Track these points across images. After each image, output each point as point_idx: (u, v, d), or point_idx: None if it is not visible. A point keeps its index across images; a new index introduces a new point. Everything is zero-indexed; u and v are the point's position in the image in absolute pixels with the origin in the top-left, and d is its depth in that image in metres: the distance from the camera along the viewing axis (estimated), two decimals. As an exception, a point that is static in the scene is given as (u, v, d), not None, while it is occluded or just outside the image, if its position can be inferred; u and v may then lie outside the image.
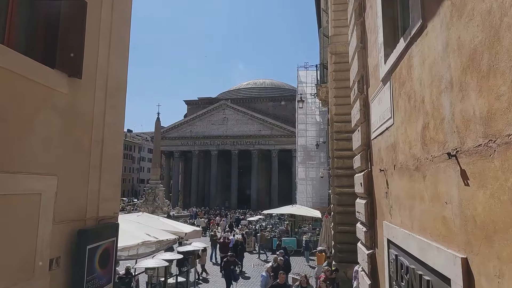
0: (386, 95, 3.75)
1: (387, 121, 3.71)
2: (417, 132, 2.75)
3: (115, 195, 5.40)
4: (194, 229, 9.93)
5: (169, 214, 32.16)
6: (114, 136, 5.26)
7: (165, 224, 9.37)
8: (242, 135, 58.98)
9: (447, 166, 2.18)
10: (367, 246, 4.84)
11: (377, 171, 4.35)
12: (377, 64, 4.18)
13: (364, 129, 4.89)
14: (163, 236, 8.42)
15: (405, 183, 3.13)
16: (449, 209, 2.17)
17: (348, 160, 11.47)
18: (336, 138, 11.60)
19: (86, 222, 4.55)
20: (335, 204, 11.49)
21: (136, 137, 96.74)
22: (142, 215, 9.80)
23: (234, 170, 58.39)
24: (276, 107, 64.86)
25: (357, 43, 5.08)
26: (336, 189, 11.47)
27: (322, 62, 14.26)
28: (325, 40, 14.67)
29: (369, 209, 4.69)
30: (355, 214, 11.28)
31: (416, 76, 2.75)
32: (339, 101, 11.73)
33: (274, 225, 27.34)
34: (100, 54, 4.82)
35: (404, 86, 3.09)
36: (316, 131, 34.72)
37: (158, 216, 10.38)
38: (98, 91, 4.81)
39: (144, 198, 33.82)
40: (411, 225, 2.97)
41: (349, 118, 12.10)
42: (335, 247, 11.41)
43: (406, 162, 3.07)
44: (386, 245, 3.86)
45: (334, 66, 11.97)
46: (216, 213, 42.04)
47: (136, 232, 7.84)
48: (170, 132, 62.98)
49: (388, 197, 3.82)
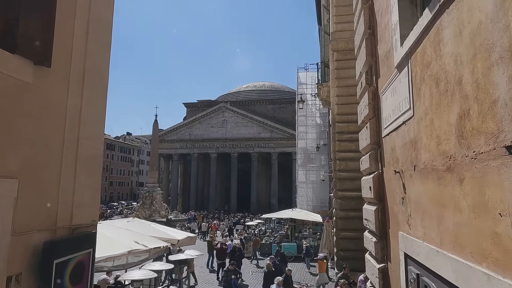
0: (403, 83, 3.18)
1: (404, 114, 3.14)
2: (449, 123, 2.18)
3: (93, 201, 4.81)
4: (187, 235, 9.33)
5: (167, 218, 31.54)
6: (92, 135, 4.67)
7: (156, 230, 8.77)
8: (242, 137, 58.42)
9: (502, 164, 1.60)
10: (377, 259, 4.25)
11: (390, 173, 3.77)
12: (390, 49, 3.61)
13: (374, 125, 4.32)
14: (154, 243, 7.83)
15: (430, 187, 2.55)
16: (505, 224, 1.59)
17: (352, 162, 10.91)
18: (339, 139, 11.04)
19: (56, 232, 3.96)
20: (337, 209, 10.91)
21: (135, 140, 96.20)
22: (133, 221, 9.21)
23: (233, 173, 57.75)
24: (276, 109, 64.35)
25: (365, 29, 4.52)
26: (339, 192, 10.89)
27: (323, 61, 13.73)
28: (326, 38, 14.14)
29: (380, 216, 4.11)
30: (359, 220, 10.68)
31: (448, 52, 2.19)
32: (342, 100, 11.18)
33: (274, 229, 26.69)
34: (76, 40, 4.24)
35: (429, 68, 2.52)
36: (316, 133, 34.22)
37: (151, 222, 9.77)
38: (73, 83, 4.22)
39: (141, 201, 33.17)
40: (439, 239, 2.39)
41: (352, 118, 11.56)
42: (337, 254, 10.81)
43: (432, 161, 2.50)
44: (403, 260, 3.28)
45: (336, 64, 11.43)
46: (214, 216, 41.41)
47: (124, 239, 7.26)
48: (169, 135, 62.41)
49: (405, 204, 3.24)
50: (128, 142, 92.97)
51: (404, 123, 3.16)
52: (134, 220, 9.29)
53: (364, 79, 4.61)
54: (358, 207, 11.15)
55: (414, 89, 2.87)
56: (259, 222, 25.76)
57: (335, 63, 11.36)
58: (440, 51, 2.31)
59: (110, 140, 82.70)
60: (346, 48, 11.36)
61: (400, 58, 3.21)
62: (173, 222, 31.06)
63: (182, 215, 37.51)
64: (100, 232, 7.51)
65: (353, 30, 10.66)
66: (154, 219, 31.72)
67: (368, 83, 4.49)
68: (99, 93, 4.84)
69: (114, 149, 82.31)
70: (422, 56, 2.65)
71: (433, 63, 2.44)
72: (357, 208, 11.00)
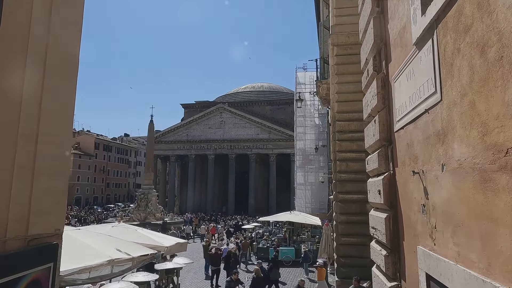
0: (425, 62, 2.55)
1: (427, 100, 2.50)
2: (506, 103, 1.55)
3: (57, 207, 4.13)
4: (177, 241, 8.66)
5: (163, 221, 30.81)
6: (56, 130, 4.00)
7: (143, 236, 8.11)
8: (240, 139, 57.77)
9: None
10: (387, 275, 3.61)
11: (405, 174, 3.13)
12: (406, 24, 2.99)
13: (383, 118, 3.69)
14: (139, 251, 7.17)
15: (470, 194, 1.91)
16: None
17: (353, 163, 10.27)
18: (339, 139, 10.41)
19: (5, 245, 3.30)
20: (337, 213, 10.26)
21: (132, 141, 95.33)
22: (118, 226, 8.54)
23: (231, 175, 57.06)
24: (274, 110, 63.76)
25: (372, 8, 3.89)
26: (339, 195, 10.25)
27: (322, 56, 13.10)
28: (325, 33, 13.53)
29: (392, 226, 3.47)
30: (360, 224, 10.03)
31: (504, 4, 1.55)
32: (342, 98, 10.55)
33: (272, 232, 26.00)
34: (34, 13, 3.57)
35: (468, 33, 1.88)
36: (315, 134, 33.65)
37: (138, 227, 9.09)
38: (31, 65, 3.54)
39: (136, 203, 32.44)
40: (485, 265, 1.75)
41: (353, 116, 10.93)
42: (338, 261, 10.16)
43: (473, 158, 1.86)
44: (424, 282, 2.64)
45: (336, 59, 10.81)
46: (211, 219, 40.67)
47: (103, 248, 6.60)
48: (166, 136, 61.70)
49: (427, 212, 2.60)
50: (125, 143, 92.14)
51: (427, 111, 2.52)
52: (120, 225, 8.62)
53: (372, 66, 3.98)
54: (360, 210, 10.54)
55: (443, 66, 2.23)
56: (256, 225, 25.04)
57: (335, 58, 10.74)
58: (489, 5, 1.67)
59: (107, 141, 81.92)
60: (347, 42, 10.75)
61: (420, 32, 2.58)
62: (169, 224, 30.37)
63: (178, 217, 36.78)
64: (78, 239, 6.86)
65: (354, 23, 10.04)
66: (149, 222, 31.02)
67: (376, 70, 3.85)
68: (66, 80, 4.16)
69: (111, 150, 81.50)
70: (457, 19, 2.01)
71: (475, 25, 1.81)
72: (359, 212, 10.40)
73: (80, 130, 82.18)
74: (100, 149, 77.76)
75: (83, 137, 77.08)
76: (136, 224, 31.07)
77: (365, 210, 10.25)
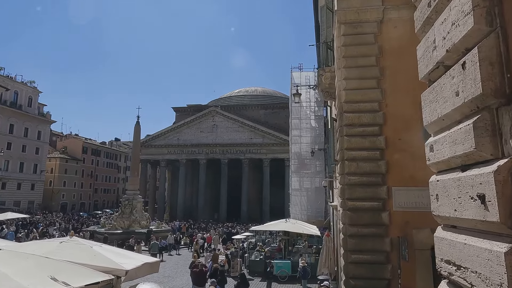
0: None
1: None
2: None
3: None
4: (145, 261, 6.72)
5: (148, 229, 28.64)
6: None
7: (98, 256, 6.16)
8: (233, 143, 55.85)
9: None
10: None
11: None
12: None
13: (491, 54, 1.87)
14: (85, 279, 5.27)
15: None
16: None
17: (365, 163, 8.44)
18: (348, 134, 8.60)
19: None
20: (346, 224, 8.41)
21: (122, 145, 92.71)
22: (68, 243, 6.57)
23: (223, 180, 55.00)
24: (268, 115, 62.09)
25: None
26: (348, 202, 8.40)
27: (325, 41, 11.35)
28: (328, 16, 11.81)
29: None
30: (374, 238, 8.11)
31: None
32: (352, 85, 8.77)
33: (265, 242, 24.01)
34: None
35: None
36: (311, 137, 31.97)
37: (96, 243, 7.11)
38: None
39: (120, 210, 30.20)
40: None
41: (364, 106, 9.09)
42: (346, 284, 8.28)
43: None
44: None
45: (343, 39, 9.05)
46: (201, 226, 38.49)
47: (30, 278, 4.70)
48: (156, 140, 59.51)
49: None
50: (115, 147, 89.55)
51: None
52: (71, 241, 6.65)
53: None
54: (374, 221, 8.65)
55: None
56: (248, 235, 23.00)
57: (343, 38, 8.98)
58: None
59: (96, 146, 79.38)
60: (357, 19, 9.02)
61: None
62: (155, 233, 28.19)
63: (165, 225, 34.54)
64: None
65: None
66: (133, 230, 28.77)
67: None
68: None
69: (99, 154, 78.93)
70: None
71: None
72: (373, 223, 8.54)
73: (68, 134, 79.56)
74: (88, 154, 75.17)
75: (70, 140, 74.51)
76: (119, 232, 28.88)
77: (379, 221, 8.41)
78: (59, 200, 66.91)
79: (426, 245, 8.04)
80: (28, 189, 57.74)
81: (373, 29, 8.96)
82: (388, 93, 8.65)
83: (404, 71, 8.67)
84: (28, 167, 57.69)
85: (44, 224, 32.13)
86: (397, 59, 8.77)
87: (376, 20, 8.96)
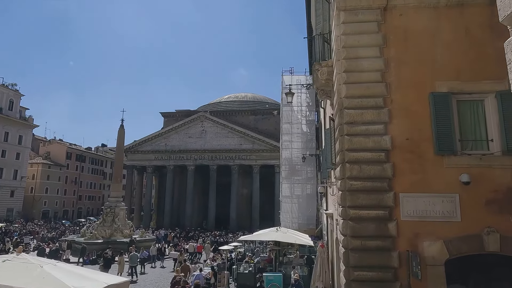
0: None
1: None
2: None
3: None
4: (109, 284, 5.53)
5: (131, 239, 27.05)
6: None
7: (47, 279, 4.96)
8: (222, 149, 54.56)
9: None
10: None
11: None
12: None
13: None
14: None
15: None
16: None
17: (368, 166, 7.39)
18: (349, 133, 7.57)
19: None
20: (348, 236, 7.33)
21: (109, 151, 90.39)
22: (13, 261, 5.36)
23: (212, 187, 53.53)
24: (258, 120, 61.06)
25: None
26: (350, 211, 7.34)
27: (321, 33, 10.39)
28: (324, 7, 10.88)
29: None
30: (380, 253, 6.96)
31: None
32: (353, 78, 7.78)
33: (254, 252, 22.78)
34: None
35: None
36: (302, 142, 31.07)
37: (48, 262, 5.85)
38: None
39: (101, 218, 28.57)
40: None
41: (368, 102, 7.91)
42: (348, 305, 7.17)
43: None
44: None
45: (343, 28, 8.07)
46: (188, 235, 36.97)
47: None
48: (143, 145, 57.82)
49: None
50: (101, 153, 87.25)
51: None
52: (16, 260, 5.42)
53: None
54: (379, 233, 7.57)
55: None
56: (236, 245, 21.75)
57: (342, 26, 8.03)
58: None
59: (81, 151, 77.08)
60: (358, 6, 8.07)
61: None
62: (138, 243, 26.63)
63: (150, 234, 32.94)
64: None
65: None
66: (115, 239, 27.12)
67: None
68: None
69: (84, 160, 76.60)
70: None
71: None
72: (378, 235, 7.49)
73: (52, 139, 77.13)
74: (73, 159, 72.86)
75: (54, 146, 72.11)
76: (99, 242, 27.18)
77: (385, 232, 7.33)
78: (40, 207, 64.37)
79: (439, 260, 7.03)
80: (7, 196, 55.30)
81: (376, 17, 8.03)
82: (393, 87, 7.69)
83: (411, 63, 7.78)
84: (8, 173, 55.32)
85: (19, 234, 30.23)
86: (404, 50, 7.86)
87: (379, 6, 8.04)
